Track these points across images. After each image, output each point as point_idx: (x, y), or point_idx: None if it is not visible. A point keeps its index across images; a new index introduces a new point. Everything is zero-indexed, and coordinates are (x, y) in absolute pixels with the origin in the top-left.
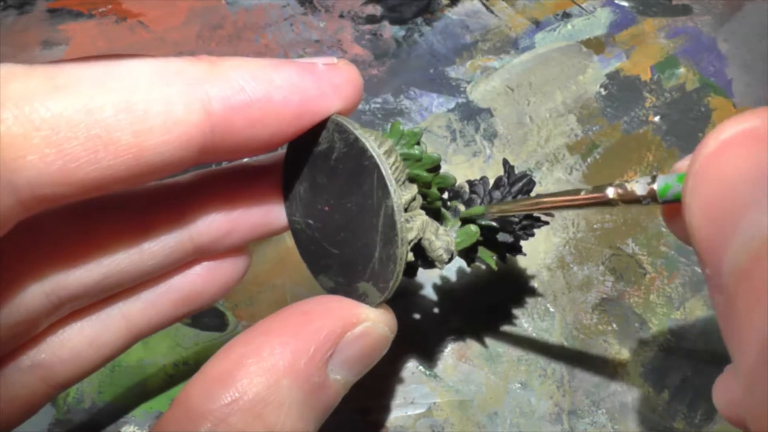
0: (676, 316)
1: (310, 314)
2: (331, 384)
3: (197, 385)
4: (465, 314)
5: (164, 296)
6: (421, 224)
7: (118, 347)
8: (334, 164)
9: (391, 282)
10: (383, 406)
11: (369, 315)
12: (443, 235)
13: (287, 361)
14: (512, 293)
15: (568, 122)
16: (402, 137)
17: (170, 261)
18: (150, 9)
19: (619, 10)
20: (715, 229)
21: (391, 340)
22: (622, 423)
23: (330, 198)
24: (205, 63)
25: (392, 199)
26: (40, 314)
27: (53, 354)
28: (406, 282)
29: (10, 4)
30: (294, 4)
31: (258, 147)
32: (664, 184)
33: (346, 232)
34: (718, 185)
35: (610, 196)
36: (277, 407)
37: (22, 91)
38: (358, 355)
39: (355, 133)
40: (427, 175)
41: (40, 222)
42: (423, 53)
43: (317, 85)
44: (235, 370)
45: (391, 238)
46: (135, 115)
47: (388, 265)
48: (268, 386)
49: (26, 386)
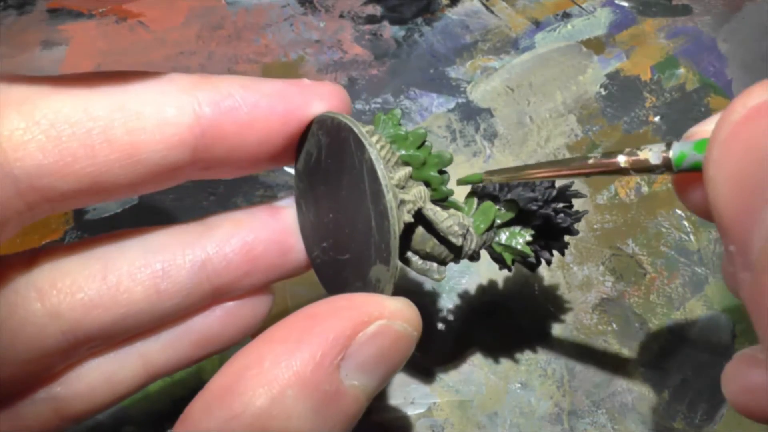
0: (676, 316)
1: (316, 317)
2: (347, 391)
3: (198, 402)
4: (465, 314)
5: (183, 337)
6: (419, 192)
7: (135, 386)
8: (324, 164)
9: (391, 241)
10: (383, 406)
11: (383, 312)
12: (454, 215)
13: (292, 369)
14: (512, 293)
15: (568, 122)
16: (384, 121)
17: (188, 303)
18: (150, 9)
19: (619, 10)
20: (744, 204)
21: (416, 338)
22: (622, 423)
23: (330, 202)
24: (196, 75)
25: (368, 152)
26: (55, 354)
27: (68, 388)
28: (406, 282)
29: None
30: (294, 4)
31: (248, 154)
32: (679, 152)
33: (349, 226)
34: (747, 157)
35: (621, 164)
36: (284, 420)
37: (26, 92)
38: (376, 358)
39: (338, 117)
40: (418, 152)
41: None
42: (423, 53)
43: (302, 93)
44: (236, 384)
45: (378, 192)
46: (129, 115)
47: (383, 225)
48: (272, 398)
49: (39, 418)
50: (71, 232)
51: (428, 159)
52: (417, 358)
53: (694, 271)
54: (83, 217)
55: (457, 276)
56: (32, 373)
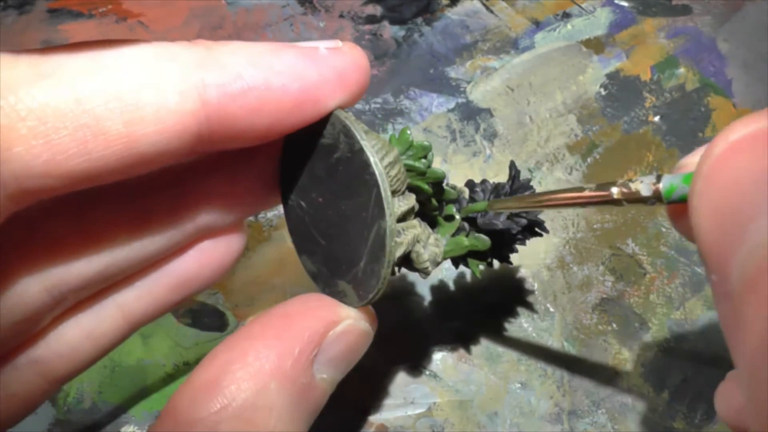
0: (676, 316)
1: (292, 316)
2: (318, 384)
3: (184, 394)
4: (465, 314)
5: (159, 282)
6: (412, 239)
7: (116, 338)
8: (335, 163)
9: (371, 295)
10: (383, 406)
11: (350, 312)
12: (432, 245)
13: (273, 364)
14: (512, 293)
15: (568, 122)
16: (410, 148)
17: (171, 245)
18: (150, 9)
19: (619, 10)
20: (723, 235)
21: (372, 335)
22: (622, 423)
23: (325, 192)
24: (200, 48)
25: (387, 223)
26: (41, 310)
27: (50, 349)
28: (405, 283)
29: (10, 4)
30: (294, 4)
31: (256, 137)
32: (669, 184)
33: (336, 229)
34: (727, 189)
35: (615, 196)
36: (267, 411)
37: (7, 79)
38: (342, 353)
39: (360, 143)
40: (429, 188)
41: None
42: (423, 53)
43: (318, 70)
44: (222, 377)
45: (379, 257)
46: (126, 103)
47: (371, 278)
48: (257, 391)
49: (24, 383)
50: None
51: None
52: (417, 358)
53: (694, 271)
54: None
55: (457, 276)
56: (18, 333)
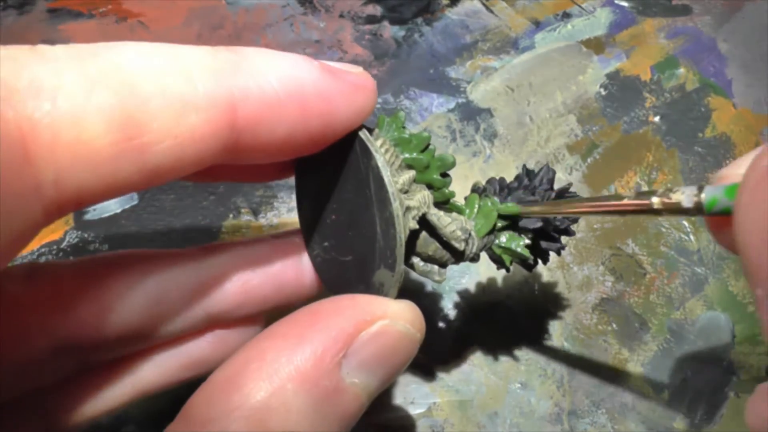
0: (676, 316)
1: (319, 314)
2: (347, 388)
3: (201, 393)
4: (465, 314)
5: (173, 359)
6: (423, 197)
7: (122, 402)
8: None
9: (396, 248)
10: (383, 406)
11: (386, 312)
12: (456, 218)
13: (292, 364)
14: (512, 293)
15: (568, 122)
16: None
17: (182, 328)
18: (150, 9)
19: (619, 10)
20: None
21: (419, 339)
22: (622, 423)
23: (332, 202)
24: (228, 54)
25: (374, 158)
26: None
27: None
28: (406, 282)
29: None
30: (294, 4)
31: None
32: (711, 197)
33: (352, 228)
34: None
35: (655, 206)
36: (282, 414)
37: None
38: (377, 357)
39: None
40: (421, 156)
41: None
42: (423, 53)
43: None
44: (238, 376)
45: (384, 199)
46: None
47: (388, 232)
48: (272, 391)
49: (27, 426)
50: (71, 233)
51: (432, 162)
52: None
53: (694, 271)
54: (83, 218)
55: (457, 276)
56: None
